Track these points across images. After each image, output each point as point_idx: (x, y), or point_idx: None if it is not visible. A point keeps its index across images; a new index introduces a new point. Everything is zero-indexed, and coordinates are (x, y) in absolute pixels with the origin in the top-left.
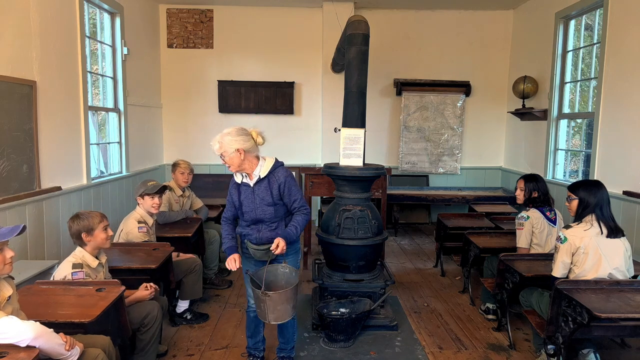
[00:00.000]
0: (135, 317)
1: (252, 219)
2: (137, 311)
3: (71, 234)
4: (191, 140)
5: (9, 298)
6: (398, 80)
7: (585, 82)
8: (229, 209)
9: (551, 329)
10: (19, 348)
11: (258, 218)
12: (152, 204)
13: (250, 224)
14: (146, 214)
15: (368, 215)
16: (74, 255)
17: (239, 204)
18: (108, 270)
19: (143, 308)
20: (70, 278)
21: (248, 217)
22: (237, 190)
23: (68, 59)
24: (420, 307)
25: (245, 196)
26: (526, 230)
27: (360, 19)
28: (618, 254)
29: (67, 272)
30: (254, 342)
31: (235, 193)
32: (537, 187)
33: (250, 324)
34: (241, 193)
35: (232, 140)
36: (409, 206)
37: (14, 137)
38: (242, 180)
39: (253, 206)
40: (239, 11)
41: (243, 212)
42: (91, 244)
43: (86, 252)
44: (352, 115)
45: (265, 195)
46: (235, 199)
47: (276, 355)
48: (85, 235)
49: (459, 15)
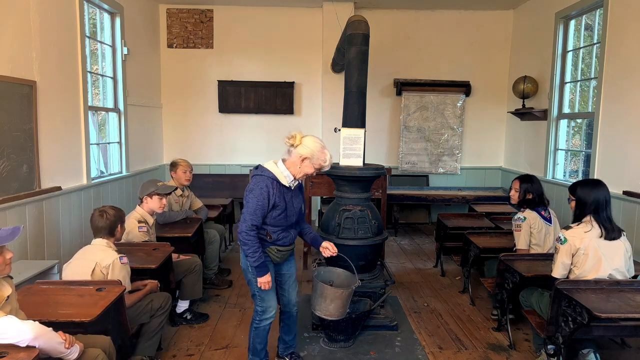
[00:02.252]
0: (157, 302)
1: (290, 223)
2: (158, 298)
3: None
4: (191, 140)
5: (8, 298)
6: (398, 80)
7: (585, 82)
8: (262, 214)
9: (551, 329)
10: (19, 348)
11: (294, 222)
12: (161, 204)
13: (285, 228)
14: (146, 214)
15: (368, 215)
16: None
17: (284, 208)
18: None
19: (162, 295)
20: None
21: (288, 222)
22: (281, 194)
23: (68, 59)
24: (420, 307)
25: (288, 199)
26: (524, 231)
27: (360, 19)
28: (618, 255)
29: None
30: (265, 352)
31: (280, 197)
32: (531, 188)
33: (265, 336)
34: (284, 196)
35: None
36: (409, 206)
37: (14, 137)
38: (288, 183)
39: (293, 210)
40: (239, 11)
41: (287, 216)
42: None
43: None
44: (352, 115)
45: (299, 199)
46: (280, 202)
47: (282, 355)
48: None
49: (459, 15)
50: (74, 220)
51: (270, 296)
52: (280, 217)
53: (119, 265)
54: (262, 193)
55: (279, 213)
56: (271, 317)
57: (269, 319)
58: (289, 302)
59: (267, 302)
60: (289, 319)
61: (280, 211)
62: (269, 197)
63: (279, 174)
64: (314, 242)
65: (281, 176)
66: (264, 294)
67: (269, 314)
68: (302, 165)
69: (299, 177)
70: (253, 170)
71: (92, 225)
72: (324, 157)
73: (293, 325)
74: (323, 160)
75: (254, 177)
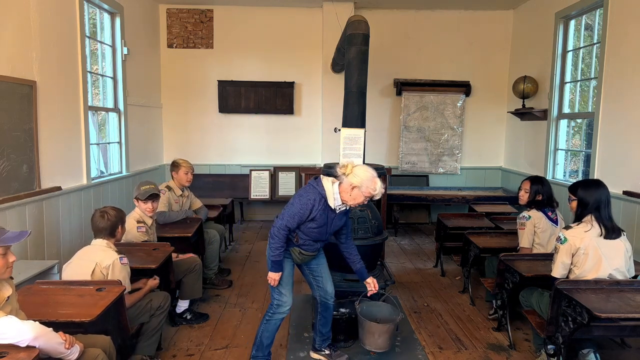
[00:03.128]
0: (156, 302)
1: (319, 239)
2: (157, 297)
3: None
4: (191, 140)
5: (9, 298)
6: (398, 80)
7: (585, 82)
8: (299, 221)
9: (551, 329)
10: (19, 348)
11: (325, 239)
12: (145, 208)
13: (314, 240)
14: (144, 214)
15: (368, 215)
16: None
17: (322, 225)
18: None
19: (161, 294)
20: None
21: (320, 237)
22: (326, 212)
23: (68, 59)
24: (420, 307)
25: (330, 220)
26: (528, 230)
27: (360, 19)
28: (618, 255)
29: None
30: (269, 349)
31: (322, 214)
32: (542, 190)
33: (274, 331)
34: (327, 215)
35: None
36: (409, 206)
37: (14, 137)
38: (335, 206)
39: (327, 230)
40: (239, 11)
41: (320, 233)
42: (138, 209)
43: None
44: (352, 115)
45: (339, 222)
46: (320, 219)
47: (320, 348)
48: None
49: (459, 15)
50: (74, 220)
51: (287, 292)
52: (314, 231)
53: (119, 265)
54: (307, 204)
55: (315, 227)
56: (284, 313)
57: (282, 313)
58: (325, 292)
59: (283, 298)
60: (326, 310)
61: (317, 226)
62: (311, 210)
63: (330, 195)
64: (359, 274)
65: (331, 197)
66: (280, 289)
67: (284, 308)
68: (352, 193)
69: (349, 204)
70: (312, 180)
71: (93, 226)
72: (374, 187)
73: (329, 316)
74: (373, 189)
75: (309, 185)
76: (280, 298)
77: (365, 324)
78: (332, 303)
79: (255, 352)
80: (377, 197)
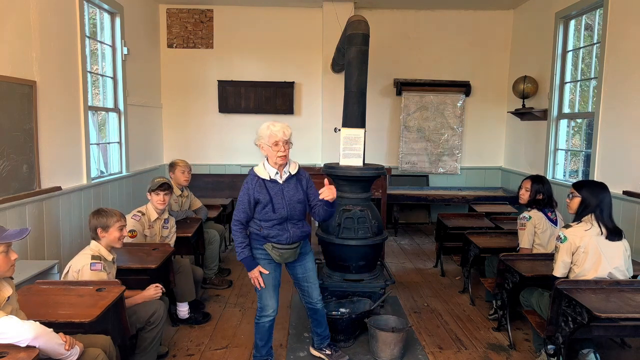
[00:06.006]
0: (142, 316)
1: (282, 217)
2: (144, 310)
3: (90, 227)
4: (191, 140)
5: (9, 298)
6: (398, 80)
7: (585, 82)
8: (244, 210)
9: (551, 329)
10: (19, 348)
11: (289, 215)
12: (157, 200)
13: (276, 223)
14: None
15: (368, 215)
16: (90, 248)
17: (268, 201)
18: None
19: (150, 306)
20: (89, 269)
21: (277, 216)
22: (264, 188)
23: (68, 59)
24: (420, 307)
25: (274, 193)
26: (528, 230)
27: (360, 19)
28: (618, 254)
29: (85, 262)
30: (267, 350)
31: (261, 191)
32: (543, 189)
33: (265, 333)
34: (269, 190)
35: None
36: (409, 206)
37: (14, 137)
38: (271, 177)
39: (283, 203)
40: (239, 11)
41: (274, 210)
42: (104, 240)
43: (101, 246)
44: (352, 115)
45: (296, 192)
46: (261, 197)
47: (320, 347)
48: (100, 231)
49: (459, 15)
50: (74, 220)
51: (267, 296)
52: (267, 211)
53: (88, 272)
54: (244, 190)
55: (263, 207)
56: (269, 316)
57: (267, 316)
58: (311, 298)
59: (264, 301)
60: (315, 313)
61: (265, 204)
62: (249, 194)
63: (259, 169)
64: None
65: (261, 171)
66: (260, 292)
67: (266, 312)
68: (267, 152)
69: (280, 164)
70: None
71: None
72: (272, 132)
73: (321, 318)
74: (273, 134)
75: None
76: (260, 302)
77: (381, 335)
78: (320, 307)
79: (255, 352)
80: (284, 138)
